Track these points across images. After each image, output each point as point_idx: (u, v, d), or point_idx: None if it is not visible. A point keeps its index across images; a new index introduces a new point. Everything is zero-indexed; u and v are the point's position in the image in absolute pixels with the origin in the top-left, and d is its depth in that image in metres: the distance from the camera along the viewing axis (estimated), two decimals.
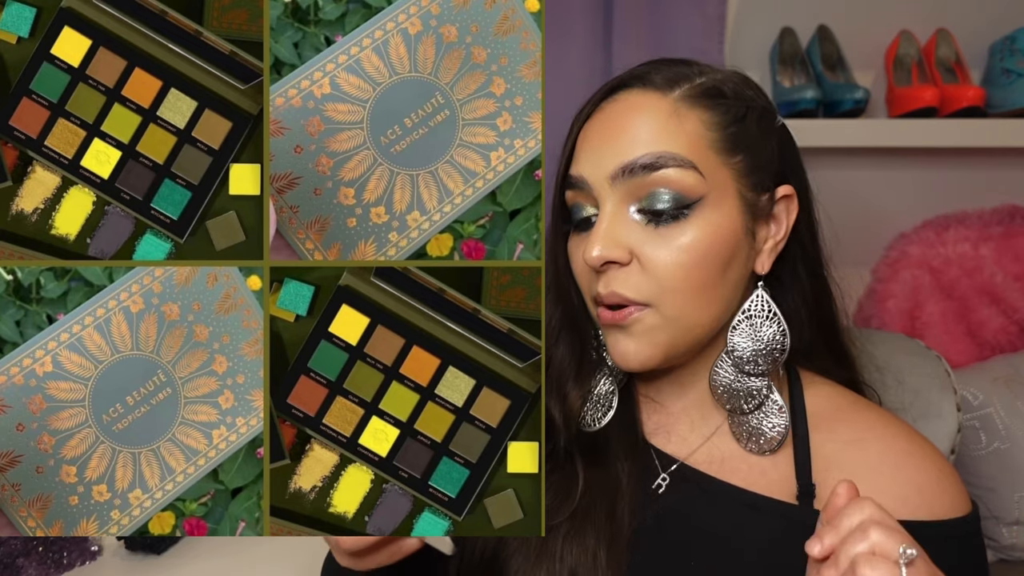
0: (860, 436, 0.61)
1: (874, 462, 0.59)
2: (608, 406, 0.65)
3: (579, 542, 0.59)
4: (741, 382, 0.62)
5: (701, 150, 0.58)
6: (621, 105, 0.61)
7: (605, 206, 0.59)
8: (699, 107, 0.60)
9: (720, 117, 0.60)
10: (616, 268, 0.58)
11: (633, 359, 0.60)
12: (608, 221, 0.58)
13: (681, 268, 0.57)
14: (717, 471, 0.62)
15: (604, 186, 0.59)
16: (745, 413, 0.62)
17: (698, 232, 0.57)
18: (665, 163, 0.57)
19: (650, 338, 0.59)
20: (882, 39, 1.26)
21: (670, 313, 0.58)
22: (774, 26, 1.27)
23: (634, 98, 0.61)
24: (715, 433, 0.64)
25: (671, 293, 0.57)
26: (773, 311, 0.61)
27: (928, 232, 1.27)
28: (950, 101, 1.16)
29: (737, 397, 0.62)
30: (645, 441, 0.66)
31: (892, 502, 0.57)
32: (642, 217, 0.58)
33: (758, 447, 0.62)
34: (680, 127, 0.59)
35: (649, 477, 0.64)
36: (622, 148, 0.58)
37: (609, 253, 0.57)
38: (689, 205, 0.57)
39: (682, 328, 0.59)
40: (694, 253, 0.57)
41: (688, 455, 0.64)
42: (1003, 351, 1.23)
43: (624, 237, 0.58)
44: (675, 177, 0.57)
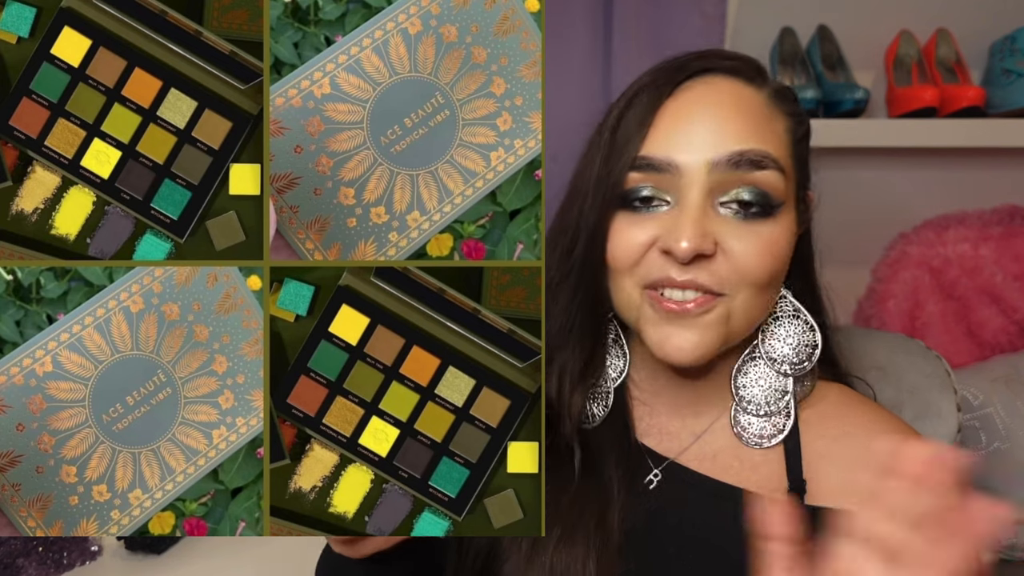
0: (849, 431, 0.61)
1: (863, 457, 0.59)
2: (605, 404, 0.66)
3: (569, 550, 0.59)
4: (781, 383, 0.63)
5: (786, 157, 0.59)
6: (713, 88, 0.59)
7: (690, 193, 0.57)
8: (784, 112, 0.61)
9: (795, 127, 0.61)
10: (700, 258, 0.57)
11: (691, 352, 0.58)
12: (698, 211, 0.56)
13: (763, 262, 0.57)
14: (708, 468, 0.62)
15: (699, 171, 0.56)
16: (771, 415, 0.62)
17: (779, 231, 0.58)
18: (769, 164, 0.57)
19: (714, 330, 0.58)
20: (882, 39, 1.26)
21: (741, 306, 0.58)
22: (774, 26, 1.27)
23: (726, 84, 0.59)
24: (707, 431, 0.64)
25: (748, 287, 0.57)
26: (800, 311, 0.63)
27: (928, 232, 1.27)
28: (950, 101, 1.16)
29: (777, 399, 0.63)
30: (637, 442, 0.66)
31: None
32: (727, 211, 0.57)
33: (757, 440, 0.62)
34: (774, 128, 0.59)
35: (641, 477, 0.64)
36: (724, 136, 0.57)
37: (700, 245, 0.55)
38: (775, 207, 0.58)
39: (742, 322, 0.59)
40: (775, 250, 0.58)
41: (679, 453, 0.64)
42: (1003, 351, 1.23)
43: (710, 228, 0.57)
44: (773, 180, 0.57)
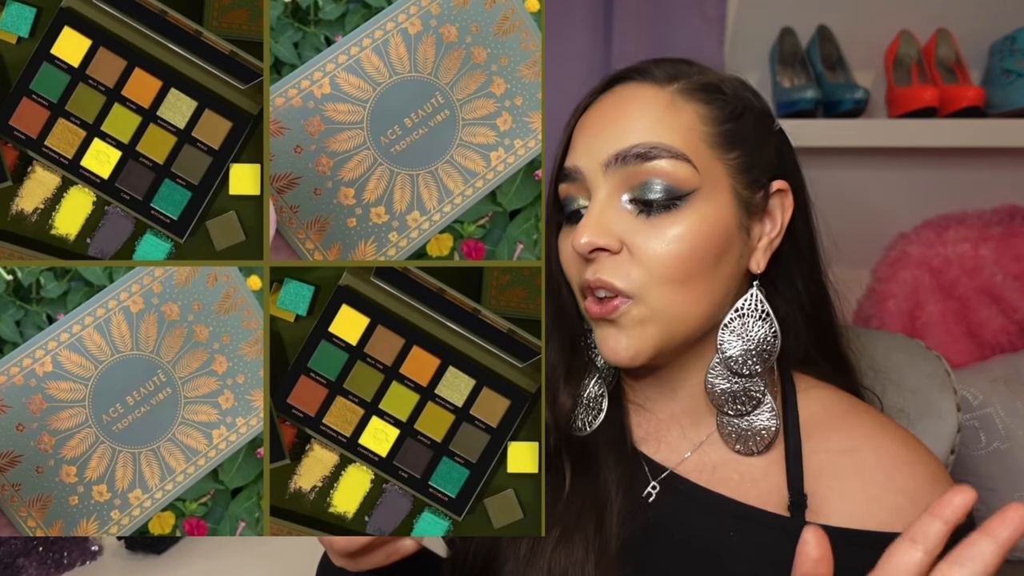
0: (853, 445, 0.60)
1: (866, 471, 0.58)
2: (598, 409, 0.65)
3: (568, 553, 0.59)
4: (738, 383, 0.61)
5: (695, 143, 0.58)
6: (618, 96, 0.61)
7: (597, 194, 0.59)
8: (696, 101, 0.60)
9: (717, 112, 0.60)
10: (606, 256, 0.58)
11: (623, 353, 0.59)
12: (599, 209, 0.58)
13: (671, 259, 0.57)
14: (708, 481, 0.61)
15: (597, 174, 0.59)
16: (740, 415, 0.61)
17: (689, 224, 0.57)
18: (659, 154, 0.57)
19: (640, 331, 0.58)
20: (882, 39, 1.26)
21: (658, 305, 0.57)
22: (774, 26, 1.27)
23: (632, 90, 0.61)
24: (706, 441, 0.63)
25: (660, 284, 0.57)
26: (765, 310, 0.61)
27: (928, 232, 1.27)
28: (950, 101, 1.16)
29: (735, 400, 0.61)
30: (634, 448, 0.65)
31: (885, 512, 0.56)
32: (634, 207, 0.58)
33: (746, 448, 0.61)
34: (676, 119, 0.59)
35: (639, 486, 0.63)
36: (616, 136, 0.58)
37: (599, 239, 0.57)
38: (681, 197, 0.57)
39: (671, 321, 0.58)
40: (685, 244, 0.57)
41: (678, 463, 0.63)
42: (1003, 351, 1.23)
43: (615, 225, 0.58)
44: (668, 168, 0.57)
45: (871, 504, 0.57)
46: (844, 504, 0.58)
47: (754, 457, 0.62)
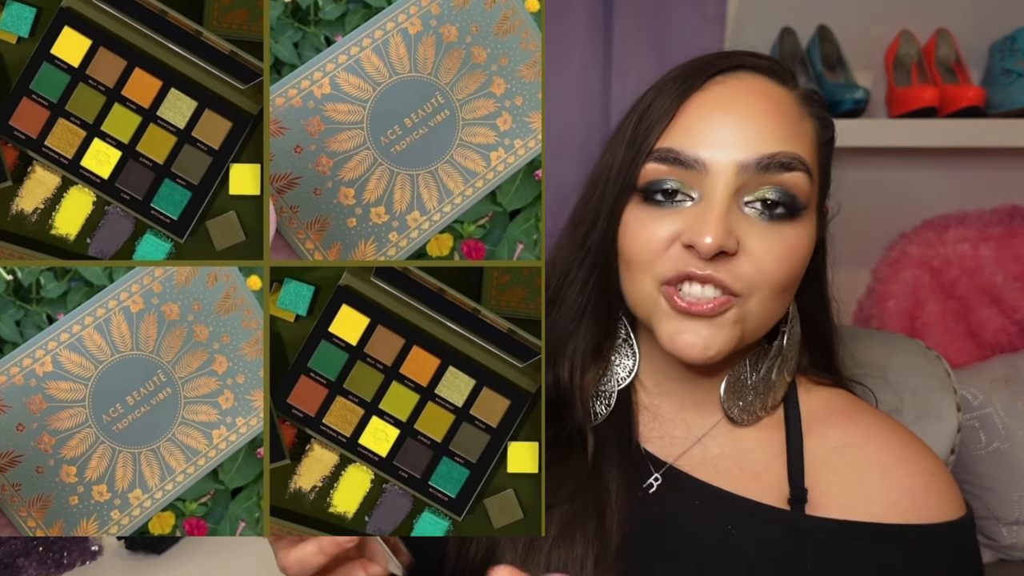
0: (851, 440, 0.61)
1: (864, 466, 0.59)
2: (608, 403, 0.65)
3: (567, 550, 0.58)
4: (767, 379, 0.64)
5: (813, 159, 0.59)
6: (745, 86, 0.58)
7: (717, 190, 0.56)
8: (811, 113, 0.60)
9: (821, 132, 0.61)
10: (722, 256, 0.56)
11: (703, 351, 0.57)
12: (723, 208, 0.56)
13: (783, 267, 0.56)
14: (708, 475, 0.62)
15: (726, 171, 0.56)
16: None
17: (801, 235, 0.57)
18: (798, 167, 0.56)
19: (730, 331, 0.57)
20: (882, 39, 1.26)
21: (756, 308, 0.57)
22: (774, 26, 1.27)
23: (759, 83, 0.59)
24: (708, 434, 0.64)
25: (765, 289, 0.56)
26: (797, 318, 0.64)
27: (928, 232, 1.27)
28: (950, 101, 1.16)
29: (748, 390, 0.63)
30: (639, 445, 0.65)
31: (882, 506, 0.57)
32: (752, 210, 0.57)
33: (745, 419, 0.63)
34: (803, 130, 0.59)
35: (640, 481, 0.63)
36: (755, 137, 0.56)
37: (724, 241, 0.54)
38: (800, 210, 0.57)
39: (756, 326, 0.58)
40: (796, 254, 0.57)
41: (679, 457, 0.63)
42: (1003, 351, 1.23)
43: (735, 226, 0.56)
44: (800, 182, 0.57)
45: (869, 498, 0.57)
46: (843, 498, 0.58)
47: (756, 451, 0.62)
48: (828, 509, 0.58)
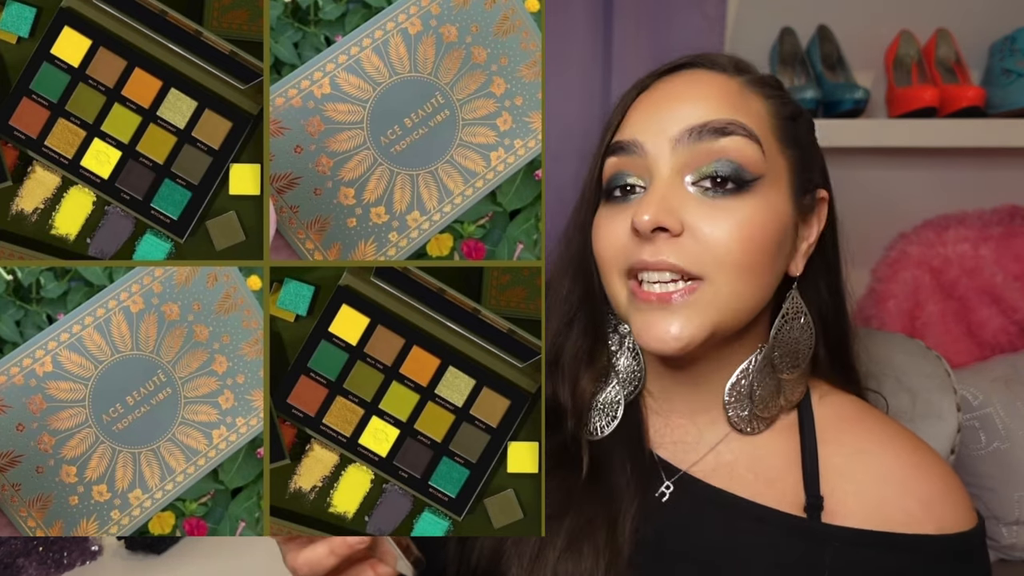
0: (864, 447, 0.60)
1: (881, 474, 0.58)
2: (613, 415, 0.64)
3: (576, 561, 0.57)
4: (774, 382, 0.62)
5: (763, 130, 0.58)
6: (685, 79, 0.60)
7: (659, 171, 0.57)
8: (762, 94, 0.60)
9: (779, 108, 0.60)
10: (665, 238, 0.55)
11: (674, 340, 0.55)
12: (663, 187, 0.56)
13: (737, 243, 0.55)
14: (723, 482, 0.61)
15: (663, 150, 0.57)
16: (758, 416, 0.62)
17: (756, 210, 0.55)
18: (735, 130, 0.56)
19: (699, 317, 0.55)
20: (882, 39, 1.26)
21: (724, 289, 0.55)
22: (774, 26, 1.27)
23: (699, 75, 0.60)
24: (722, 441, 0.63)
25: (726, 268, 0.55)
26: (804, 312, 0.62)
27: (928, 232, 1.27)
28: (950, 101, 1.16)
29: (768, 401, 0.62)
30: (651, 453, 0.64)
31: (899, 515, 0.56)
32: (697, 189, 0.56)
33: (753, 427, 0.62)
34: (746, 105, 0.58)
35: (653, 488, 0.62)
36: (688, 112, 0.57)
37: (663, 219, 0.54)
38: (748, 182, 0.56)
39: (728, 311, 0.56)
40: (751, 230, 0.55)
41: (693, 464, 0.62)
42: (1003, 351, 1.23)
43: (678, 207, 0.55)
44: (742, 147, 0.56)
45: (885, 507, 0.57)
46: (859, 507, 0.58)
47: (770, 457, 0.61)
48: (845, 517, 0.57)
